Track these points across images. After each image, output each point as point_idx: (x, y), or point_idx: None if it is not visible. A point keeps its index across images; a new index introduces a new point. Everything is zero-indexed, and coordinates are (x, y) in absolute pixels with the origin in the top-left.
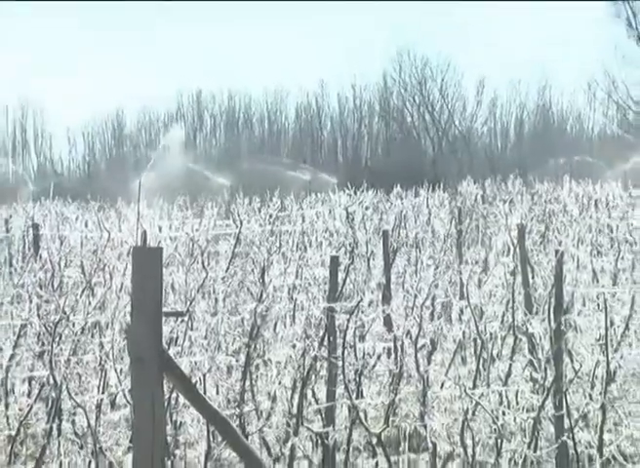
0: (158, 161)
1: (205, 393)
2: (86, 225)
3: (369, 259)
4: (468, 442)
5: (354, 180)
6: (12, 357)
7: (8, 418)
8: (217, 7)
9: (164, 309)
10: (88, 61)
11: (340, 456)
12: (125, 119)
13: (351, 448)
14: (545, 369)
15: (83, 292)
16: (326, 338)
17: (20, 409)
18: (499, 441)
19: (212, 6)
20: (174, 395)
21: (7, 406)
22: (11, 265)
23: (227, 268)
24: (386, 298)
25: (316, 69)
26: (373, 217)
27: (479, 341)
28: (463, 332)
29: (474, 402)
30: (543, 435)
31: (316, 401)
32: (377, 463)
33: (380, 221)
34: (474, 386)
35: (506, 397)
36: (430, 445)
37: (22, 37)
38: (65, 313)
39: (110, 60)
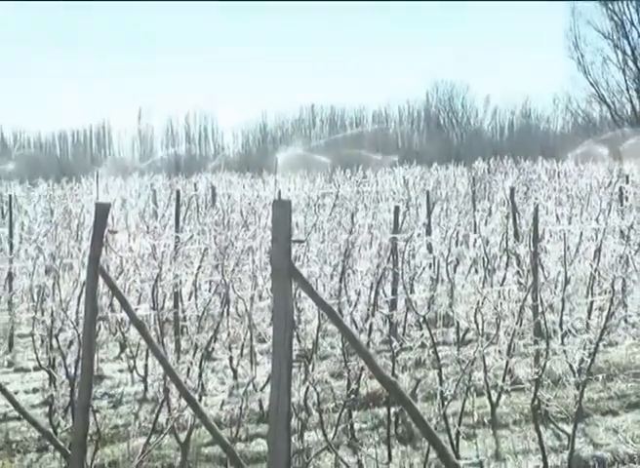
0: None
1: (316, 289)
2: (243, 187)
3: (417, 208)
4: (479, 321)
5: (408, 159)
6: (199, 268)
7: (197, 305)
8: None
9: (292, 238)
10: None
11: (400, 329)
12: (267, 120)
13: (407, 325)
14: (527, 275)
15: (242, 227)
16: (391, 256)
17: (204, 300)
18: (498, 320)
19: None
20: (298, 291)
21: (196, 297)
22: (198, 211)
23: (330, 213)
24: (428, 232)
25: (385, 89)
26: (420, 182)
27: (486, 259)
28: (476, 254)
29: (483, 296)
30: (525, 316)
31: (385, 295)
32: (422, 334)
33: (425, 185)
34: (483, 286)
35: (503, 293)
36: (455, 322)
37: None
38: (231, 241)
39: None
